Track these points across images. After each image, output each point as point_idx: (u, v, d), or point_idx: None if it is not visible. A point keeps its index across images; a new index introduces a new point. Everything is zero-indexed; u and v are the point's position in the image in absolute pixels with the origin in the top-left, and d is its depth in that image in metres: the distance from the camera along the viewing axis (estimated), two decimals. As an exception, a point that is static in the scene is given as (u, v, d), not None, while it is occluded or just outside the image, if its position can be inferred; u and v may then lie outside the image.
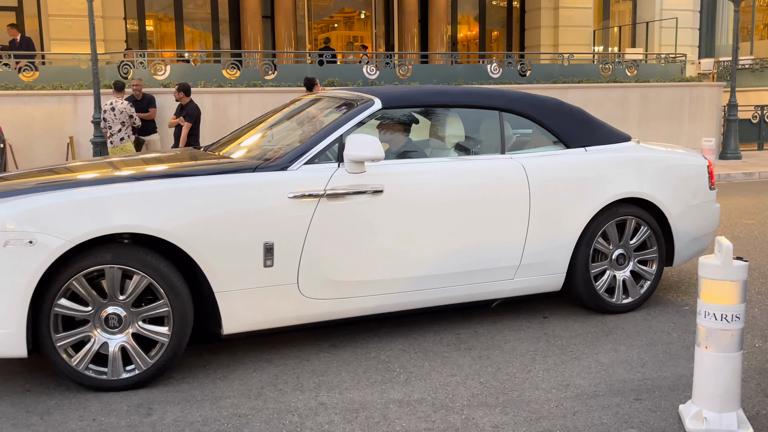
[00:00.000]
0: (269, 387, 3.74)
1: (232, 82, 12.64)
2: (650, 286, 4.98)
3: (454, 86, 4.99)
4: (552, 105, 4.90)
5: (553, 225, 4.60)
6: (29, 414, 3.44)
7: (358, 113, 4.34)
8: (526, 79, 14.54)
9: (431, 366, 4.02)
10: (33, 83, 12.01)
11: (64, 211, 3.52)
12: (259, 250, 3.85)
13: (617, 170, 4.82)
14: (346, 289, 4.11)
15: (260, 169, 3.99)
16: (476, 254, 4.41)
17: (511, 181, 4.50)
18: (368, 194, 4.11)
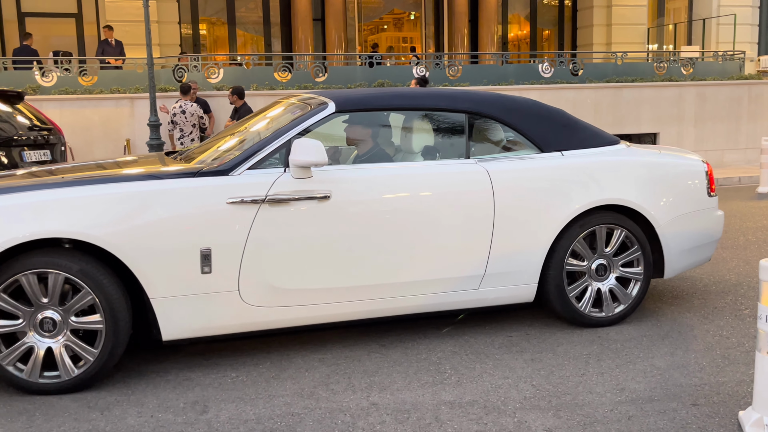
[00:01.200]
0: (321, 386, 3.78)
1: (284, 84, 12.78)
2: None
3: (418, 88, 4.69)
4: (526, 107, 4.66)
5: (521, 233, 4.37)
6: (90, 409, 3.54)
7: (308, 117, 4.23)
8: (578, 78, 14.35)
9: (482, 368, 4.00)
10: (92, 87, 12.34)
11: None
12: (195, 256, 3.80)
13: (595, 176, 4.54)
14: (292, 297, 4.01)
15: (201, 174, 3.94)
16: (435, 263, 4.23)
17: (473, 187, 4.30)
18: (315, 200, 4.00)
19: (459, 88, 4.94)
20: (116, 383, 3.85)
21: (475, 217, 4.28)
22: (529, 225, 4.38)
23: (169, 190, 3.82)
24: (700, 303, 5.19)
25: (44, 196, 3.69)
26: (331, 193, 4.04)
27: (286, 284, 3.99)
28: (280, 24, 19.02)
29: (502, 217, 4.34)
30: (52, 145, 7.85)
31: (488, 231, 4.31)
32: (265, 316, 4.00)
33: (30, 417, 3.46)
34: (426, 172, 4.28)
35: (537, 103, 4.77)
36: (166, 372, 4.01)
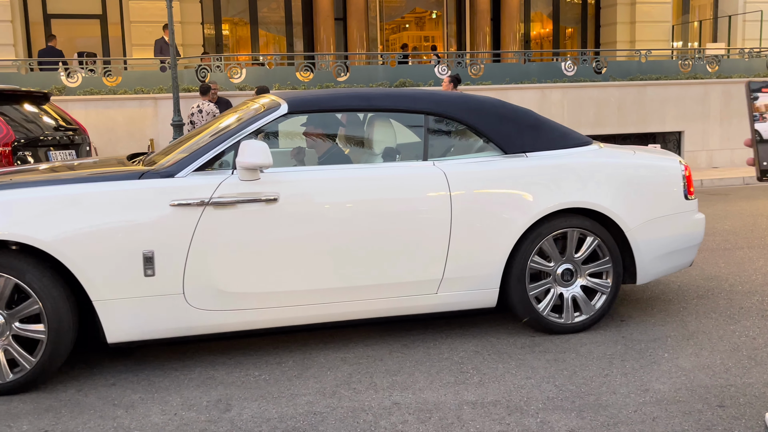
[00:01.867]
0: (343, 386, 3.78)
1: (306, 84, 12.82)
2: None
3: (377, 89, 4.58)
4: (489, 107, 4.54)
5: (480, 237, 4.25)
6: (115, 407, 3.57)
7: (260, 118, 4.17)
8: (602, 76, 14.24)
9: (505, 368, 3.98)
10: (116, 88, 12.46)
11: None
12: (138, 259, 3.78)
13: (560, 178, 4.40)
14: (239, 300, 3.96)
15: (146, 177, 3.91)
16: (390, 267, 4.14)
17: (429, 190, 4.20)
18: (262, 203, 3.94)
19: (421, 89, 4.79)
20: (140, 381, 3.89)
21: (430, 220, 4.18)
22: (488, 229, 4.27)
23: (112, 192, 3.80)
24: (725, 303, 5.13)
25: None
26: (279, 195, 3.97)
27: (232, 288, 3.94)
28: (302, 24, 19.08)
29: (460, 220, 4.23)
30: (77, 145, 7.94)
31: (445, 234, 4.21)
32: (213, 320, 3.95)
33: (56, 414, 3.50)
34: (380, 174, 4.18)
35: (502, 103, 4.64)
36: (190, 370, 4.04)
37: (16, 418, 3.46)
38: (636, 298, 5.31)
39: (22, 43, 16.09)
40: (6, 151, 6.76)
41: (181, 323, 3.91)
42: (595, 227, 4.46)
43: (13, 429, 3.35)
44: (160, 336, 3.92)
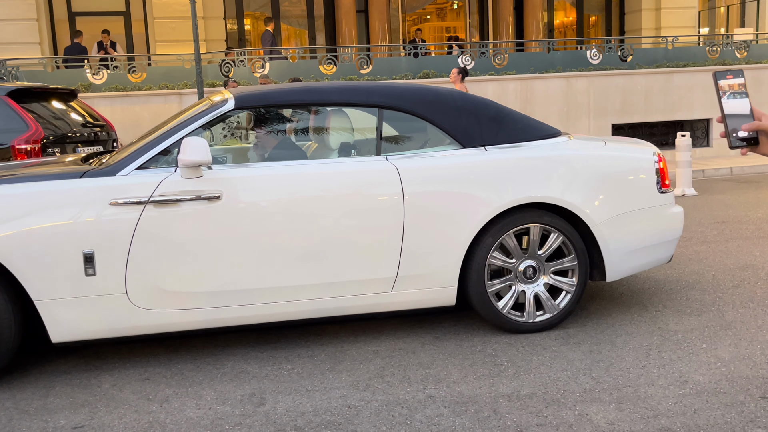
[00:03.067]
0: (377, 379, 3.76)
1: (329, 77, 12.79)
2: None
3: (328, 83, 4.46)
4: (448, 100, 4.38)
5: (435, 234, 4.13)
6: (150, 401, 3.58)
7: (204, 114, 4.09)
8: (627, 64, 14.06)
9: (540, 360, 3.93)
10: (141, 84, 12.52)
11: None
12: (78, 258, 3.75)
13: (520, 171, 4.24)
14: (184, 300, 3.91)
15: (88, 175, 3.86)
16: (340, 265, 4.05)
17: (381, 186, 4.08)
18: (204, 201, 3.88)
19: (378, 82, 4.64)
20: (174, 375, 3.89)
21: (383, 217, 4.07)
22: (443, 225, 4.15)
23: (52, 192, 3.77)
24: (763, 293, 5.03)
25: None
26: (222, 193, 3.90)
27: (175, 287, 3.88)
28: (324, 17, 19.05)
29: (413, 217, 4.11)
30: (104, 141, 7.99)
31: (398, 232, 4.10)
32: (158, 320, 3.91)
33: (92, 409, 3.51)
34: (328, 171, 4.08)
35: (462, 95, 4.47)
36: (222, 364, 4.04)
37: (52, 413, 3.48)
38: (669, 288, 5.23)
39: (48, 41, 16.23)
40: (35, 148, 6.81)
41: (126, 323, 3.87)
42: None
43: (49, 424, 3.37)
44: (106, 336, 3.88)
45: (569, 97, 13.27)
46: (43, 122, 7.17)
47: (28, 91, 7.33)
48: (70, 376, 3.94)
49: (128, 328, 3.89)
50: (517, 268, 4.32)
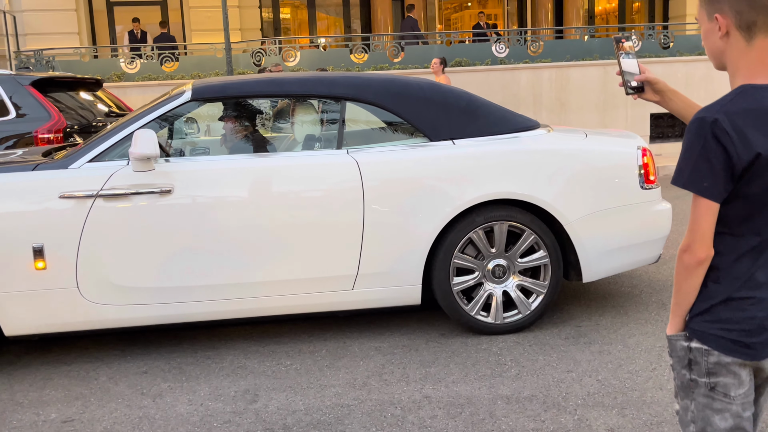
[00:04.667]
0: (375, 377, 3.66)
1: (360, 66, 12.69)
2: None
3: (291, 74, 4.26)
4: (414, 91, 4.17)
5: (397, 231, 3.97)
6: (143, 396, 3.54)
7: (160, 107, 3.99)
8: (668, 51, 13.65)
9: (546, 360, 3.79)
10: (173, 73, 12.58)
11: None
12: (28, 252, 3.71)
13: (489, 166, 4.02)
14: (136, 295, 3.83)
15: (39, 168, 3.80)
16: (297, 262, 3.91)
17: (340, 180, 3.93)
18: (155, 195, 3.78)
19: (343, 72, 4.42)
20: (172, 369, 3.85)
21: (341, 212, 3.92)
22: (405, 222, 3.98)
23: (2, 184, 3.72)
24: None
25: None
26: (173, 187, 3.80)
27: (127, 282, 3.81)
28: (360, 5, 18.91)
29: (374, 212, 3.95)
30: (129, 131, 8.01)
31: (358, 228, 3.94)
32: (112, 314, 3.84)
33: (85, 402, 3.49)
34: (286, 164, 3.93)
35: (432, 86, 4.24)
36: (222, 358, 3.98)
37: (45, 405, 3.47)
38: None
39: (86, 31, 16.43)
40: (58, 137, 6.86)
41: (78, 317, 3.82)
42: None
43: (40, 417, 3.35)
44: (59, 330, 3.84)
45: (606, 85, 12.93)
46: (68, 111, 7.21)
47: (52, 81, 7.38)
48: (70, 368, 3.93)
49: (81, 322, 3.84)
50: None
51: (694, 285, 1.68)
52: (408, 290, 4.08)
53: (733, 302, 1.66)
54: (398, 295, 4.08)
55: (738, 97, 1.60)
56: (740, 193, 1.61)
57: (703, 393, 1.71)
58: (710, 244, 1.64)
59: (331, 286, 4.00)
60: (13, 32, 15.42)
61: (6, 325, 3.78)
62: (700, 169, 1.59)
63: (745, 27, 1.62)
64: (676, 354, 1.75)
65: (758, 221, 1.64)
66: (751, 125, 1.57)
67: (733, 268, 1.66)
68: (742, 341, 1.65)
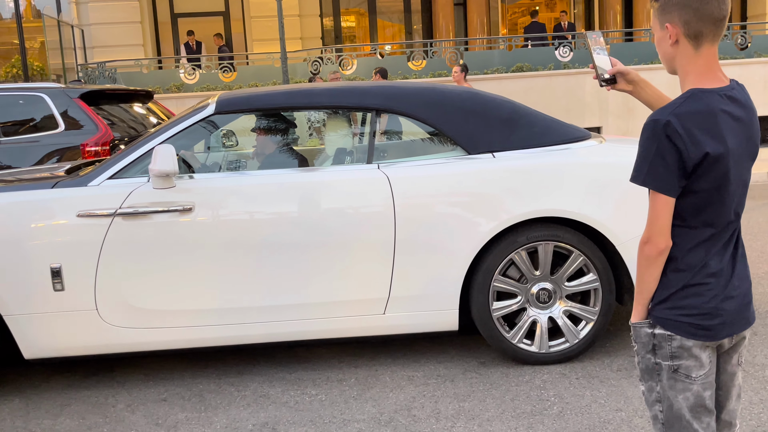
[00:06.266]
0: (403, 411, 3.38)
1: (417, 73, 12.43)
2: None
3: (320, 85, 4.02)
4: (454, 101, 3.86)
5: (431, 251, 3.68)
6: (157, 427, 3.35)
7: (182, 121, 3.79)
8: (745, 53, 12.90)
9: (593, 396, 3.43)
10: (232, 83, 12.60)
11: None
12: (46, 272, 3.55)
13: (532, 181, 3.70)
14: (156, 318, 3.64)
15: (59, 186, 3.64)
16: (323, 284, 3.67)
17: (369, 197, 3.66)
18: (176, 213, 3.58)
19: (376, 82, 4.12)
20: (192, 397, 3.66)
21: (370, 232, 3.65)
22: (440, 242, 3.68)
23: (20, 203, 3.59)
24: None
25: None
26: (195, 205, 3.60)
27: (146, 305, 3.63)
28: (421, 11, 18.67)
29: (406, 231, 3.66)
30: (179, 143, 7.95)
31: (389, 248, 3.66)
32: (132, 338, 3.66)
33: (97, 432, 3.32)
34: (312, 180, 3.69)
35: (472, 95, 3.92)
36: (245, 386, 3.77)
37: (57, 435, 3.32)
38: (765, 310, 4.54)
39: (151, 43, 16.70)
40: (105, 150, 6.83)
41: (98, 340, 3.66)
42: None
43: (50, 448, 3.20)
44: (78, 353, 3.69)
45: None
46: (117, 124, 7.19)
47: (102, 93, 7.38)
48: (89, 393, 3.78)
49: (102, 345, 3.68)
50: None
51: (655, 274, 1.83)
52: (444, 315, 3.78)
53: (690, 289, 1.80)
54: (433, 320, 3.79)
55: (687, 100, 1.74)
56: (692, 188, 1.75)
57: (667, 375, 1.85)
58: (668, 236, 1.79)
59: (360, 309, 3.74)
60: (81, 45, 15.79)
61: (25, 348, 3.66)
62: (656, 168, 1.73)
63: (693, 36, 1.75)
64: (641, 340, 1.89)
65: (710, 213, 1.78)
66: (699, 126, 1.71)
67: (688, 257, 1.81)
68: (701, 324, 1.80)
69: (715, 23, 1.74)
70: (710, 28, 1.73)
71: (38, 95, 7.09)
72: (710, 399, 1.85)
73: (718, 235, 1.81)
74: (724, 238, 1.82)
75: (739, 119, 1.76)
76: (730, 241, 1.83)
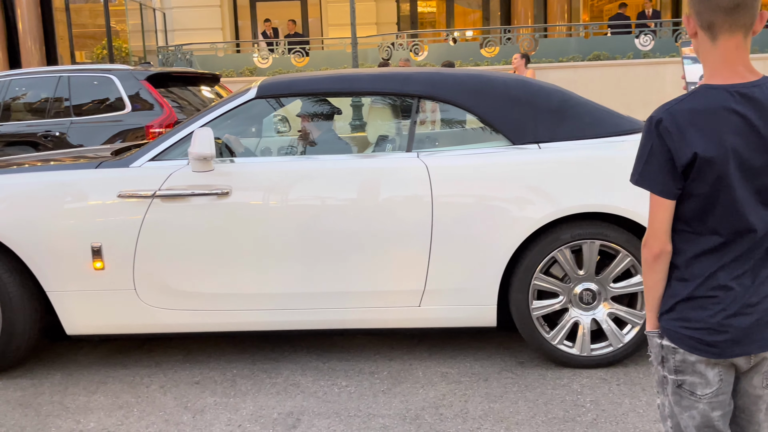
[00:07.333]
0: (430, 409, 3.29)
1: (489, 60, 12.19)
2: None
3: (363, 70, 3.93)
4: (500, 89, 3.70)
5: (468, 244, 3.54)
6: (185, 411, 3.37)
7: (223, 104, 3.77)
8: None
9: (631, 405, 3.26)
10: (303, 68, 12.66)
11: None
12: (87, 251, 3.60)
13: (579, 174, 3.52)
14: (193, 301, 3.65)
15: (103, 166, 3.68)
16: (359, 273, 3.59)
17: (407, 186, 3.55)
18: (213, 196, 3.57)
19: (420, 68, 3.96)
20: (224, 381, 3.67)
21: (406, 221, 3.55)
22: (478, 235, 3.54)
23: (65, 182, 3.66)
24: None
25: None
26: (231, 189, 3.58)
27: (184, 287, 3.64)
28: (500, -4, 18.33)
29: (442, 222, 3.54)
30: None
31: (425, 239, 3.55)
32: (169, 319, 3.69)
33: (127, 413, 3.37)
34: (349, 167, 3.62)
35: (521, 83, 3.77)
36: (278, 373, 3.75)
37: (89, 412, 3.38)
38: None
39: (230, 26, 16.97)
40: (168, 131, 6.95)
41: (136, 320, 3.71)
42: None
43: (80, 424, 3.26)
44: (118, 332, 3.75)
45: None
46: (183, 106, 7.31)
47: (169, 76, 7.52)
48: (127, 371, 3.84)
49: (141, 325, 3.73)
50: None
51: (655, 280, 1.73)
52: (481, 310, 3.66)
53: (694, 301, 1.69)
54: (470, 315, 3.68)
55: (690, 96, 1.64)
56: (689, 191, 1.64)
57: (672, 390, 1.76)
58: (665, 240, 1.68)
59: (394, 301, 3.66)
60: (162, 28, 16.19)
61: (68, 324, 3.75)
62: (650, 167, 1.65)
63: (706, 27, 1.64)
64: (653, 350, 1.80)
65: (712, 220, 1.65)
66: (694, 125, 1.60)
67: (693, 266, 1.68)
68: (705, 340, 1.67)
69: (727, 12, 1.59)
70: (722, 17, 1.60)
71: (108, 77, 7.28)
72: (721, 420, 1.72)
73: (729, 245, 1.66)
74: (737, 250, 1.65)
75: (748, 120, 1.60)
76: (750, 254, 1.65)
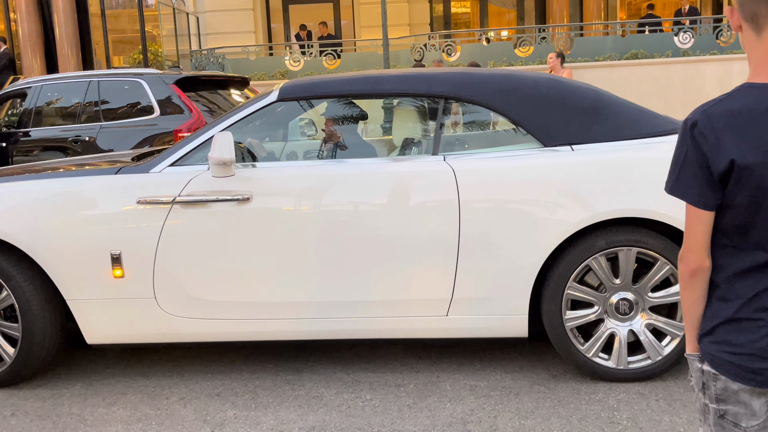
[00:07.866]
0: (457, 425, 3.15)
1: (523, 60, 11.98)
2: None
3: (387, 71, 3.79)
4: (530, 89, 3.54)
5: (497, 251, 3.39)
6: (205, 424, 3.28)
7: (245, 108, 3.66)
8: None
9: (671, 422, 3.08)
10: (335, 70, 12.59)
11: None
12: (106, 259, 3.52)
13: (614, 178, 3.34)
14: (213, 309, 3.55)
15: (122, 172, 3.60)
16: (384, 282, 3.45)
17: (433, 191, 3.41)
18: (234, 202, 3.46)
19: (447, 69, 3.81)
20: (246, 393, 3.57)
21: (433, 228, 3.41)
22: (508, 241, 3.39)
23: (84, 189, 3.58)
24: None
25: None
26: (252, 194, 3.46)
27: (204, 295, 3.54)
28: (535, -5, 18.06)
29: (471, 228, 3.40)
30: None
31: (453, 245, 3.41)
32: (190, 328, 3.60)
33: (146, 425, 3.28)
34: (373, 172, 3.48)
35: (552, 83, 3.59)
36: (301, 385, 3.64)
37: (106, 425, 3.30)
38: None
39: (263, 30, 16.98)
40: (197, 136, 6.91)
41: (157, 329, 3.62)
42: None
43: (97, 438, 3.18)
44: (138, 341, 3.67)
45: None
46: (212, 110, 7.27)
47: (198, 80, 7.48)
48: (148, 382, 3.76)
49: (160, 334, 3.65)
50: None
51: (693, 298, 1.58)
52: (511, 320, 3.50)
53: (737, 323, 1.53)
54: (500, 325, 3.52)
55: (729, 96, 1.49)
56: (728, 202, 1.49)
57: (714, 420, 1.61)
58: (702, 255, 1.53)
59: (421, 310, 3.52)
60: (195, 32, 16.25)
61: (87, 333, 3.68)
62: (684, 175, 1.50)
63: (750, 19, 1.49)
64: (694, 375, 1.65)
65: (754, 233, 1.48)
66: (732, 128, 1.44)
67: (735, 284, 1.53)
68: (749, 366, 1.51)
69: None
70: (765, 7, 1.45)
71: (137, 81, 7.27)
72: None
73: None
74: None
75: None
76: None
